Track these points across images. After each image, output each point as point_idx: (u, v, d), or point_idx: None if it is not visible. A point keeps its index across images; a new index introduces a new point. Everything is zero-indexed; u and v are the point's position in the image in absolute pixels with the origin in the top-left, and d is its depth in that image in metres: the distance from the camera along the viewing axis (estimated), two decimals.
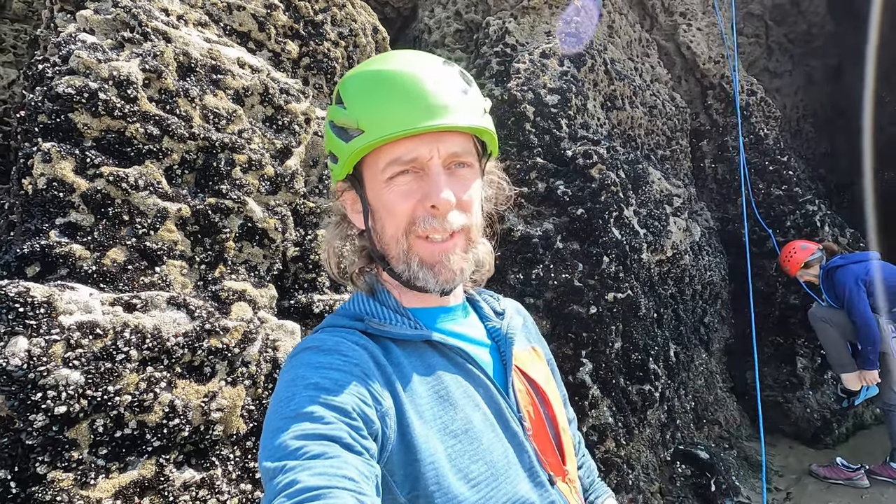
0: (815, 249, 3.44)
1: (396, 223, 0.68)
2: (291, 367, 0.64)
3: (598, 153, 2.96)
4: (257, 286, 1.55)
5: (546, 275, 2.71)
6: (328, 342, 0.65)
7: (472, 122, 0.67)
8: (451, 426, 0.64)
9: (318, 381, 0.59)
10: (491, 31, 3.55)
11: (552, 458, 0.72)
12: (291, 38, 2.12)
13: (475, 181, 0.71)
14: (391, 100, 0.65)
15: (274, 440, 0.54)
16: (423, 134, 0.65)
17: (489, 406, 0.68)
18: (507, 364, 0.74)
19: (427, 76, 0.66)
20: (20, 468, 1.02)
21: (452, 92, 0.67)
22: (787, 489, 3.25)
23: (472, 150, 0.71)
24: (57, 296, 1.12)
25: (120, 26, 1.57)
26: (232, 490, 1.29)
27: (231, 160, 1.57)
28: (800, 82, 6.00)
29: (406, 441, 0.61)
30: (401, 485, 0.60)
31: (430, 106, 0.64)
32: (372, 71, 0.68)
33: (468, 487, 0.61)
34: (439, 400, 0.65)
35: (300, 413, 0.56)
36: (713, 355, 3.90)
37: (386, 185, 0.67)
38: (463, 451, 0.63)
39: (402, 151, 0.65)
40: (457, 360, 0.70)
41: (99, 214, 1.32)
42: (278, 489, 0.50)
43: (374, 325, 0.69)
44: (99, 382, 1.10)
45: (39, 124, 1.33)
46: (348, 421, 0.56)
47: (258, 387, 1.38)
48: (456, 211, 0.67)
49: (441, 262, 0.68)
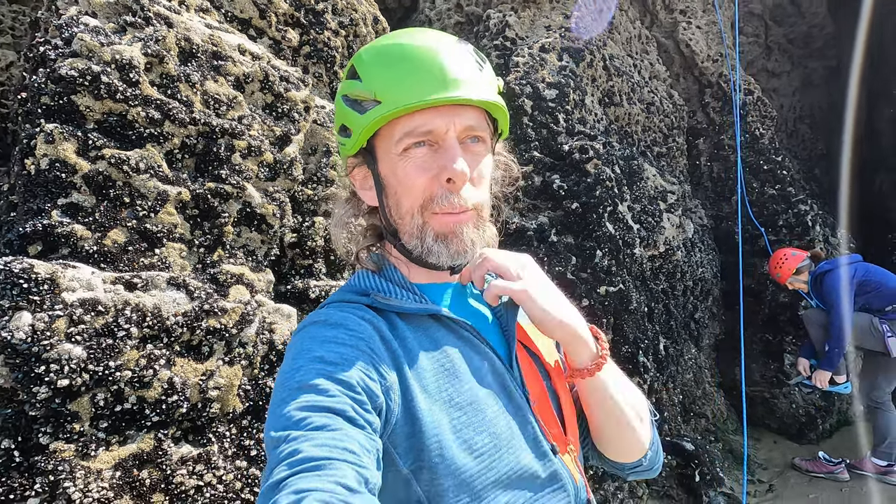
0: (804, 256, 3.42)
1: (413, 198, 0.68)
2: (299, 339, 0.65)
3: (594, 148, 3.00)
4: (255, 270, 1.58)
5: (540, 267, 2.75)
6: (334, 316, 0.66)
7: (488, 97, 0.68)
8: (456, 398, 0.65)
9: (324, 355, 0.60)
10: (491, 24, 3.56)
11: (555, 429, 0.73)
12: (292, 27, 2.13)
13: (487, 158, 0.72)
14: (409, 71, 0.65)
15: (279, 410, 0.56)
16: (440, 107, 0.65)
17: (494, 379, 0.69)
18: (510, 337, 0.74)
19: (443, 50, 0.66)
20: (24, 438, 1.05)
21: (469, 67, 0.67)
22: (769, 481, 3.33)
23: (485, 126, 0.71)
24: (60, 273, 1.15)
25: (122, 10, 1.58)
26: (228, 466, 1.33)
27: (231, 146, 1.60)
28: (798, 83, 6.04)
29: (410, 414, 0.62)
30: (404, 456, 0.61)
31: (447, 79, 0.65)
32: (389, 45, 0.69)
33: (472, 458, 0.62)
34: (444, 373, 0.66)
35: (305, 385, 0.57)
36: (703, 350, 3.96)
37: (400, 158, 0.67)
38: (468, 422, 0.64)
39: (418, 123, 0.66)
40: (462, 333, 0.70)
41: (100, 196, 1.35)
42: (281, 458, 0.51)
43: (379, 300, 0.69)
44: (100, 358, 1.13)
45: (42, 106, 1.35)
46: (352, 395, 0.57)
47: (254, 367, 1.42)
48: (469, 185, 0.68)
49: (454, 232, 0.68)
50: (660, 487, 2.84)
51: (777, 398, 3.97)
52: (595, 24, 3.67)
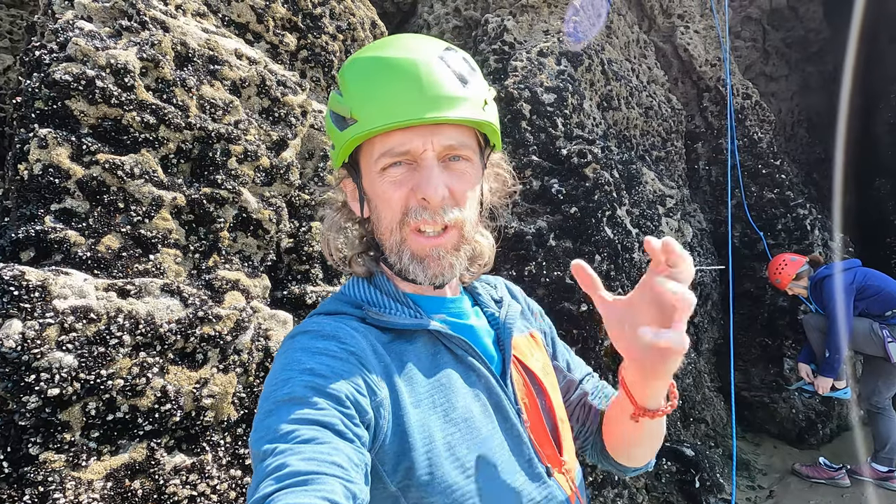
0: (803, 262, 3.40)
1: (391, 213, 0.67)
2: (289, 349, 0.63)
3: (592, 152, 2.99)
4: (251, 276, 1.57)
5: (538, 272, 2.74)
6: (327, 327, 0.64)
7: (467, 115, 0.64)
8: (450, 414, 0.64)
9: (314, 367, 0.58)
10: (489, 28, 3.56)
11: (549, 449, 0.72)
12: (289, 31, 2.13)
13: (472, 175, 0.69)
14: (385, 90, 0.63)
15: (266, 422, 0.54)
16: (417, 126, 0.63)
17: (488, 397, 0.68)
18: (505, 354, 0.73)
19: (424, 65, 0.63)
20: (13, 449, 1.03)
21: (450, 83, 0.64)
22: (770, 487, 3.31)
23: (470, 143, 0.68)
24: (52, 280, 1.13)
25: (118, 14, 1.58)
26: (222, 475, 1.31)
27: (227, 150, 1.59)
28: (796, 87, 6.05)
29: (401, 430, 0.60)
30: (391, 474, 0.59)
31: (425, 97, 0.62)
32: (368, 58, 0.66)
33: (463, 476, 0.61)
34: (439, 388, 0.65)
35: (294, 397, 0.55)
36: (702, 355, 3.95)
37: (379, 176, 0.66)
38: (461, 439, 0.63)
39: (395, 143, 0.64)
40: (456, 350, 0.69)
41: (94, 201, 1.34)
42: (267, 471, 0.49)
43: (372, 315, 0.68)
44: (92, 366, 1.11)
45: (36, 110, 1.33)
46: (341, 409, 0.55)
47: (249, 375, 1.40)
48: (449, 204, 0.66)
49: (431, 256, 0.67)
50: (659, 493, 2.81)
51: (777, 403, 3.95)
52: (591, 29, 3.67)
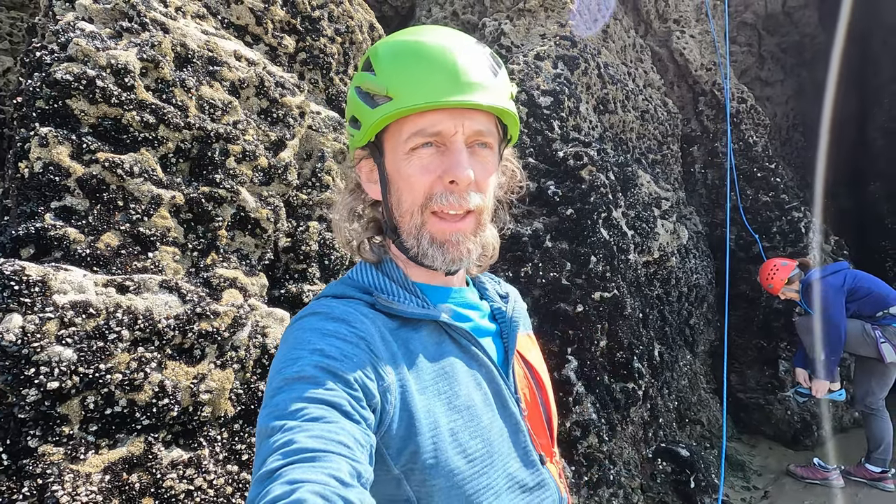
0: (793, 266, 3.42)
1: (413, 196, 0.68)
2: (298, 328, 0.64)
3: (588, 155, 3.02)
4: (248, 274, 1.59)
5: (535, 273, 2.76)
6: (337, 310, 0.65)
7: (499, 103, 0.67)
8: (454, 401, 0.65)
9: (324, 348, 0.59)
10: (487, 32, 3.60)
11: (544, 439, 0.74)
12: (288, 33, 2.15)
13: (493, 163, 0.71)
14: (423, 71, 0.65)
15: (275, 399, 0.56)
16: (450, 108, 0.65)
17: (490, 387, 0.70)
18: (509, 347, 0.76)
19: (460, 52, 0.66)
20: (12, 441, 1.05)
21: (483, 71, 0.67)
22: (765, 488, 3.32)
23: (494, 132, 0.70)
24: (51, 275, 1.15)
25: (118, 16, 1.60)
26: (218, 471, 1.32)
27: (225, 150, 1.61)
28: (791, 92, 6.11)
29: (408, 415, 0.62)
30: (395, 458, 0.61)
31: (460, 81, 0.64)
32: (406, 41, 0.68)
33: (465, 462, 0.63)
34: (443, 376, 0.67)
35: (303, 376, 0.56)
36: (698, 357, 3.97)
37: (406, 157, 0.67)
38: (465, 426, 0.65)
39: (427, 123, 0.65)
40: (461, 340, 0.71)
41: (94, 199, 1.35)
42: (275, 447, 0.50)
43: (382, 302, 0.69)
44: (91, 360, 1.13)
45: (37, 109, 1.35)
46: (349, 391, 0.56)
47: (246, 371, 1.42)
48: (473, 189, 0.67)
49: (451, 240, 0.68)
50: (655, 494, 2.83)
51: (772, 405, 3.97)
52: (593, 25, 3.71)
